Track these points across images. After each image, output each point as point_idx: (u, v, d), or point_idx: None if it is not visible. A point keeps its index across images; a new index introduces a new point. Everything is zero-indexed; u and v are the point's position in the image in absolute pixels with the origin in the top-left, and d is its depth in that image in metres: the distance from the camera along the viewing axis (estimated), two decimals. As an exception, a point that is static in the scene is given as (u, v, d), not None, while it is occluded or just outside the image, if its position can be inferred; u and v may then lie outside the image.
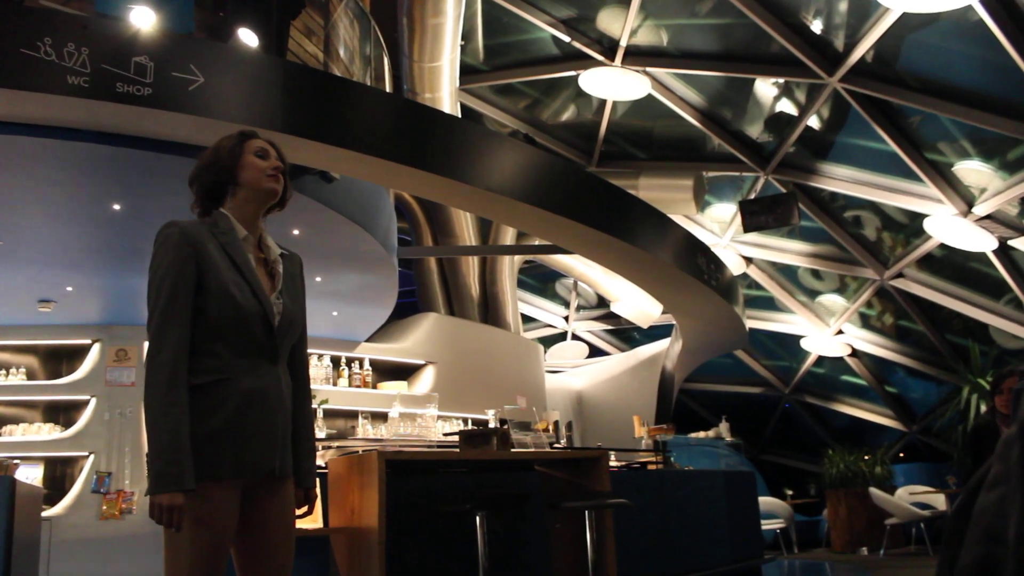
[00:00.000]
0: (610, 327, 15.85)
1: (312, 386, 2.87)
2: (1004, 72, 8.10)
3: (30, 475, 7.60)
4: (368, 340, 9.58)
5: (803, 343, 13.89)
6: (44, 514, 6.68)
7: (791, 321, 13.79)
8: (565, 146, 12.11)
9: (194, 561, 2.34)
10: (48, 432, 7.94)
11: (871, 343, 13.38)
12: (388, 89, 8.38)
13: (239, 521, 2.46)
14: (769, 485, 13.82)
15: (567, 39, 10.07)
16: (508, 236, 11.86)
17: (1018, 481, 1.40)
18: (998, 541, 1.40)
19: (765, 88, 10.58)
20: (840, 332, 13.38)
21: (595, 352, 16.08)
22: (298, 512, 2.65)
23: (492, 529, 4.56)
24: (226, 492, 2.40)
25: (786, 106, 10.64)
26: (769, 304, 13.80)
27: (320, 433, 7.17)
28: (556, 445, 6.91)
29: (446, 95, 9.95)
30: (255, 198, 2.61)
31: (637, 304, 13.28)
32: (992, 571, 1.42)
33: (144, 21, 5.35)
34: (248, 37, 6.05)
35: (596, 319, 15.86)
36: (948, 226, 10.01)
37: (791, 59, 9.20)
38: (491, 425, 7.98)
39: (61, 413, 8.23)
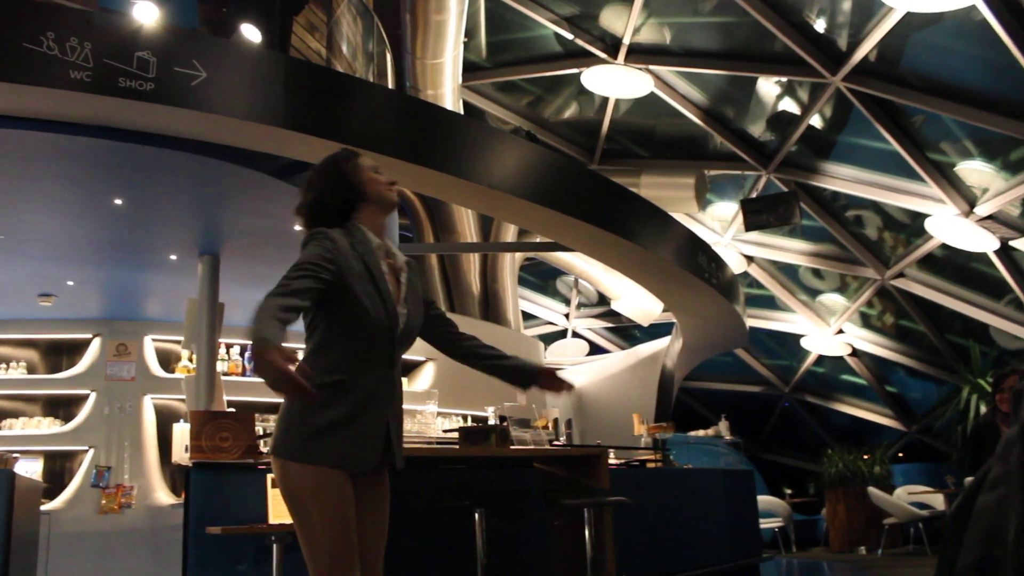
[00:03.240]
0: (610, 325, 15.85)
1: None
2: (1007, 72, 8.09)
3: (30, 469, 7.60)
4: (369, 336, 9.55)
5: (803, 342, 13.88)
6: (43, 508, 6.69)
7: (791, 320, 13.78)
8: (567, 143, 12.10)
9: (328, 536, 2.53)
10: (48, 426, 7.94)
11: (871, 343, 13.37)
12: (391, 85, 8.38)
13: None
14: (768, 484, 13.82)
15: (570, 36, 10.06)
16: (509, 233, 11.85)
17: (1018, 482, 1.40)
18: (998, 542, 1.40)
19: (768, 87, 10.56)
20: (840, 331, 13.38)
21: (595, 350, 16.08)
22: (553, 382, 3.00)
23: (491, 526, 4.56)
24: (340, 475, 2.59)
25: (788, 105, 10.63)
26: (770, 303, 13.80)
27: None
28: (555, 442, 6.92)
29: (448, 92, 9.94)
30: (381, 210, 2.83)
31: (638, 302, 13.26)
32: (991, 572, 1.41)
33: (147, 16, 5.35)
34: (251, 33, 6.05)
35: (597, 317, 15.86)
36: (949, 226, 10.00)
37: (794, 58, 9.18)
38: (491, 422, 7.97)
39: (61, 407, 8.23)
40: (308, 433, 2.57)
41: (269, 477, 4.33)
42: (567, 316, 15.85)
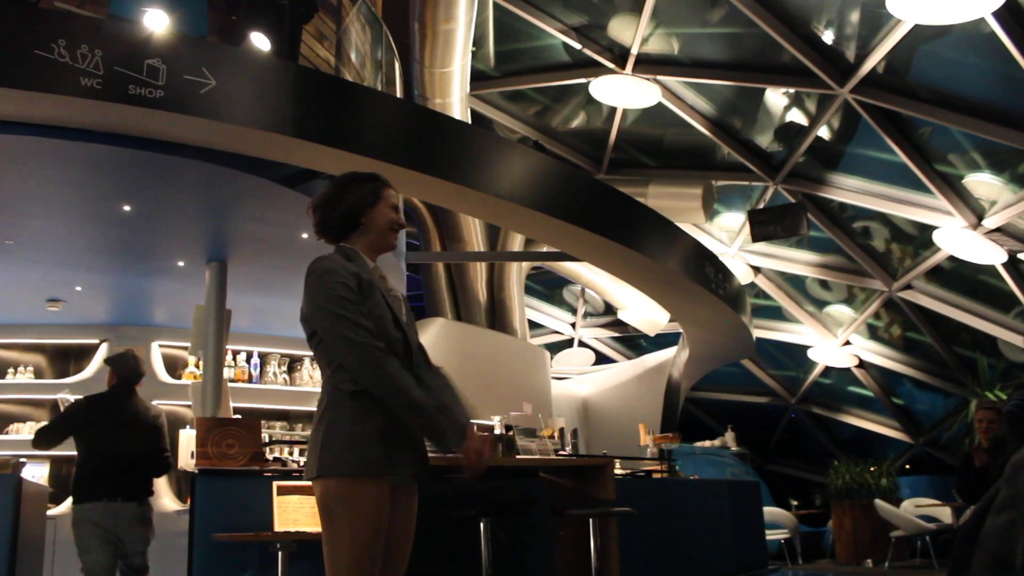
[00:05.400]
0: (617, 334, 15.83)
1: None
2: (1016, 84, 8.08)
3: (36, 473, 7.61)
4: (375, 344, 9.55)
5: (810, 353, 13.85)
6: (49, 512, 6.68)
7: (798, 331, 13.76)
8: (574, 153, 12.12)
9: (354, 551, 2.53)
10: (55, 431, 7.93)
11: (878, 354, 13.34)
12: (399, 94, 8.39)
13: None
14: (774, 495, 13.77)
15: (578, 46, 10.08)
16: (516, 242, 11.87)
17: (1026, 504, 1.39)
18: (1005, 566, 1.39)
19: (775, 98, 10.56)
20: (847, 343, 13.34)
21: (601, 359, 16.06)
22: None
23: (496, 535, 4.56)
24: (381, 487, 2.61)
25: (796, 116, 10.63)
26: (776, 314, 13.77)
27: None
28: (561, 452, 6.91)
29: (456, 101, 9.96)
30: (376, 246, 2.81)
31: (644, 312, 13.26)
32: (999, 595, 1.41)
33: (157, 23, 5.38)
34: (260, 41, 6.07)
35: (603, 326, 15.85)
36: (957, 238, 9.98)
37: (802, 69, 9.19)
38: (497, 431, 7.97)
39: (68, 412, 8.22)
40: (354, 444, 2.59)
41: (275, 484, 4.34)
42: (573, 325, 15.84)
